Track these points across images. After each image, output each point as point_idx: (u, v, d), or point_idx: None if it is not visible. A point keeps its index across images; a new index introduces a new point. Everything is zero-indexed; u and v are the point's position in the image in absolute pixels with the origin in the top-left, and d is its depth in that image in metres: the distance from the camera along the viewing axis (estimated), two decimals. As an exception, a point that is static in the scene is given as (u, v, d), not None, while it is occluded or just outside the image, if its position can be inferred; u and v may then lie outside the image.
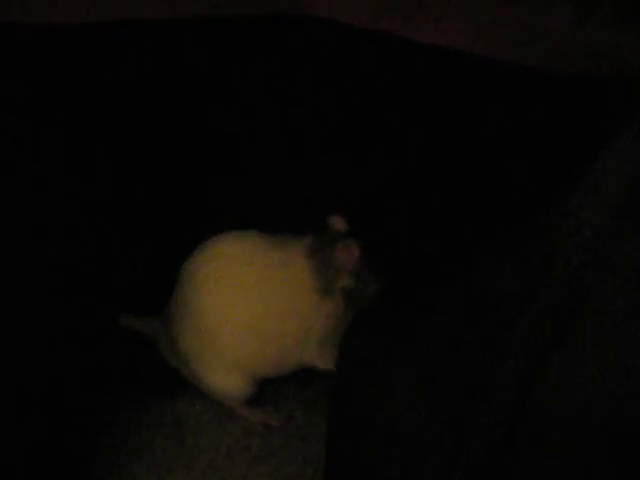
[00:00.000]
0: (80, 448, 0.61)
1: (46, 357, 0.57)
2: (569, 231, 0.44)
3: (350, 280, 0.63)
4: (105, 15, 0.54)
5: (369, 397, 0.53)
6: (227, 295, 0.63)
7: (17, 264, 0.55)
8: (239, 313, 0.63)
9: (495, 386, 0.45)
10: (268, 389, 0.72)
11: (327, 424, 0.60)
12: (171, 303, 0.67)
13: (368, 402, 0.53)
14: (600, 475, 0.42)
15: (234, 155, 0.69)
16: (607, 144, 0.44)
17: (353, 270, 0.63)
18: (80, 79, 0.61)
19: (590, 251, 0.42)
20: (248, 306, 0.63)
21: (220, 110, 0.66)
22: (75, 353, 0.60)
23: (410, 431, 0.48)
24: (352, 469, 0.54)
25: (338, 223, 0.65)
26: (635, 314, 0.41)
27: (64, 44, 0.58)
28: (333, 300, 0.63)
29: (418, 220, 0.67)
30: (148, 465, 0.68)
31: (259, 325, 0.63)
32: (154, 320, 0.70)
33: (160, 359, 0.70)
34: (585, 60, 0.53)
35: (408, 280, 0.65)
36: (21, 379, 0.56)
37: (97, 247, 0.61)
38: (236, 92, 0.65)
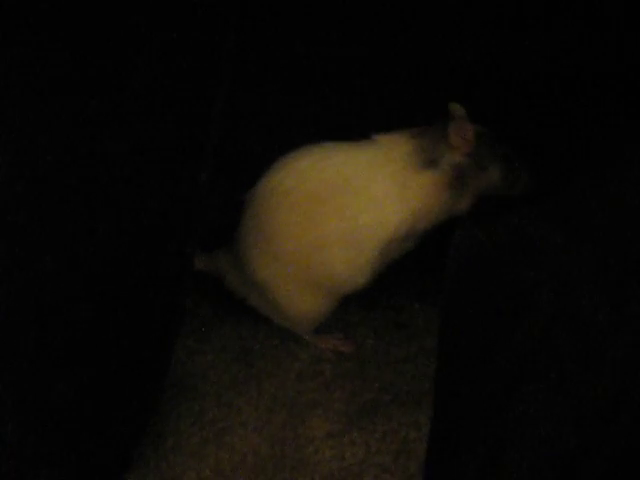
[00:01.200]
0: (157, 358, 0.57)
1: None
2: None
3: (463, 159, 0.59)
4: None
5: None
6: (314, 210, 0.59)
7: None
8: (330, 226, 0.59)
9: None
10: (334, 317, 0.68)
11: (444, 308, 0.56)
12: (243, 231, 0.63)
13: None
14: None
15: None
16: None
17: (467, 150, 0.59)
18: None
19: None
20: (339, 215, 0.59)
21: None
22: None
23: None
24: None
25: (458, 110, 0.60)
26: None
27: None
28: (437, 173, 0.59)
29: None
30: (215, 387, 0.64)
31: (353, 231, 0.59)
32: (217, 254, 0.66)
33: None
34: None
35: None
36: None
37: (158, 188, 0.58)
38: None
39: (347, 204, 0.59)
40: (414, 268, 0.68)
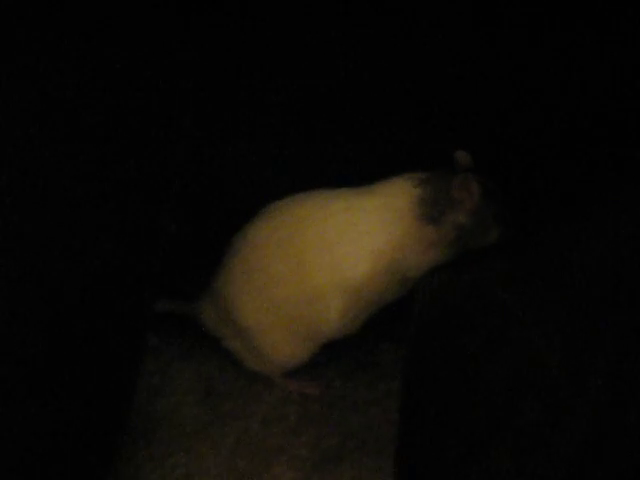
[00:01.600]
0: (117, 400, 0.56)
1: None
2: None
3: (466, 218, 0.57)
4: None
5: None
6: (310, 260, 0.58)
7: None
8: (327, 277, 0.58)
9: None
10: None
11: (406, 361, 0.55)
12: (230, 276, 0.61)
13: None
14: None
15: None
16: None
17: (471, 209, 0.56)
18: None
19: None
20: (336, 265, 0.57)
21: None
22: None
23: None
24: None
25: (463, 158, 0.58)
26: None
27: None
28: (438, 230, 0.57)
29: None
30: (178, 430, 0.63)
31: (350, 281, 0.58)
32: (196, 296, 0.65)
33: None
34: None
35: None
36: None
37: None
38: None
39: (345, 254, 0.58)
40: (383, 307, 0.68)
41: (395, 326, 0.70)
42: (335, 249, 0.57)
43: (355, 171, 0.63)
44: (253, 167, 0.66)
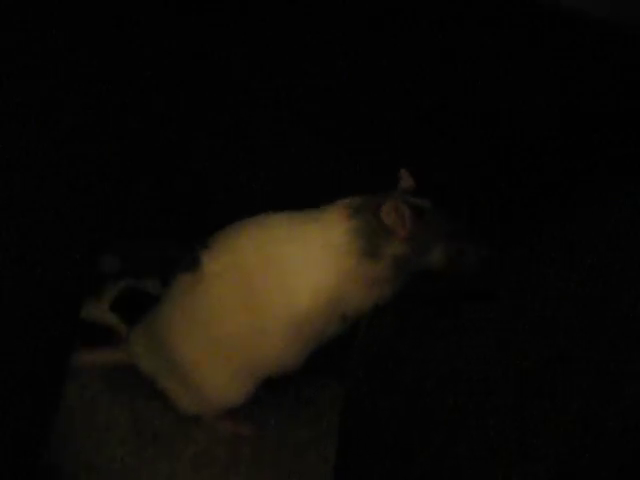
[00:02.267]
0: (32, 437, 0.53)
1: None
2: None
3: (403, 248, 0.54)
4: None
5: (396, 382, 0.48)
6: (251, 295, 0.55)
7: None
8: (270, 310, 0.55)
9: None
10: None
11: (343, 408, 0.54)
12: (169, 314, 0.59)
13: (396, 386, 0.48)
14: None
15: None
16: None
17: (408, 235, 0.54)
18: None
19: None
20: (278, 299, 0.55)
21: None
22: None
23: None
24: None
25: (406, 179, 0.56)
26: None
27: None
28: (377, 266, 0.54)
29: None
30: (103, 469, 0.59)
31: (292, 315, 0.55)
32: (128, 335, 0.63)
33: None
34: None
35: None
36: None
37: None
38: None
39: (287, 289, 0.55)
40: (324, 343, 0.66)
41: (335, 362, 0.68)
42: (278, 282, 0.55)
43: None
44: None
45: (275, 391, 0.66)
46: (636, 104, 0.58)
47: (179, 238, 0.64)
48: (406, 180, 0.57)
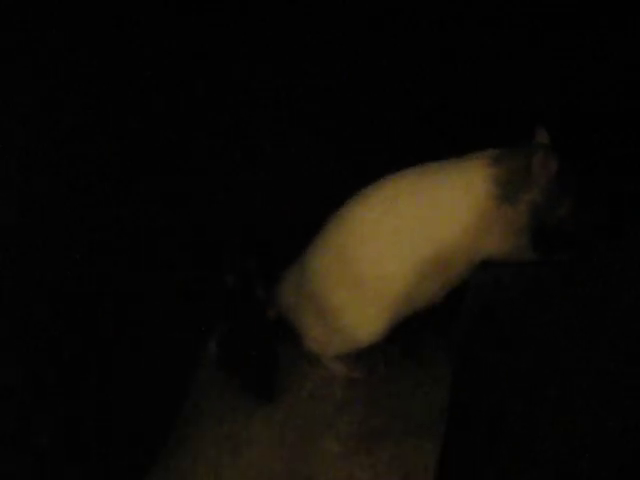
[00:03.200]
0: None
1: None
2: None
3: (539, 196, 0.60)
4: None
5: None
6: (400, 240, 0.62)
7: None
8: (418, 253, 0.62)
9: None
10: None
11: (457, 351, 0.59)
12: (319, 257, 0.65)
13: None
14: None
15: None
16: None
17: (545, 185, 0.60)
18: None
19: None
20: (425, 242, 0.61)
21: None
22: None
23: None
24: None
25: (541, 135, 0.62)
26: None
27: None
28: (514, 211, 0.60)
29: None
30: (232, 404, 0.66)
31: (439, 256, 0.61)
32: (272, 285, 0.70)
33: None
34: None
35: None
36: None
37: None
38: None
39: (431, 229, 0.61)
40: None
41: (436, 317, 0.74)
42: (425, 224, 0.61)
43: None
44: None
45: (385, 343, 0.72)
46: None
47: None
48: (542, 136, 0.63)
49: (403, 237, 0.62)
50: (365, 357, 0.71)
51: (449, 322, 0.67)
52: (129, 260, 0.62)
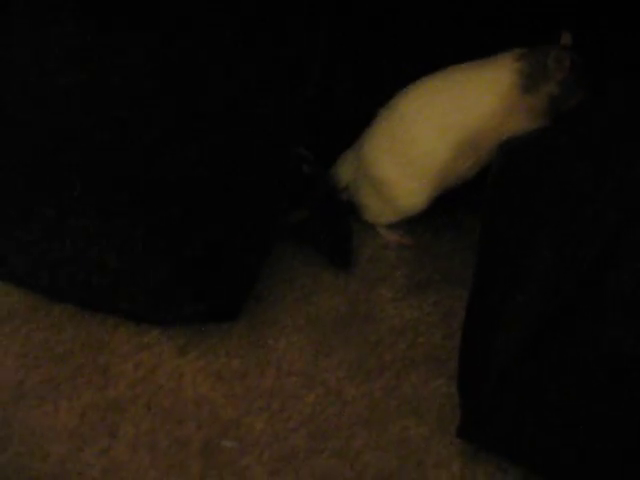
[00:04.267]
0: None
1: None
2: None
3: (557, 88, 0.75)
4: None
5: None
6: (440, 123, 0.78)
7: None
8: (452, 135, 0.77)
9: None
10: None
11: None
12: (376, 139, 0.82)
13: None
14: None
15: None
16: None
17: (561, 79, 0.74)
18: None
19: None
20: (459, 126, 0.77)
21: None
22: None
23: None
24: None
25: (565, 38, 0.76)
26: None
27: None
28: (535, 100, 0.75)
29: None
30: (302, 262, 0.82)
31: (472, 137, 0.77)
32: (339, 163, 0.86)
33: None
34: None
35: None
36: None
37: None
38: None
39: (464, 112, 0.77)
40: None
41: (472, 197, 0.88)
42: (459, 109, 0.77)
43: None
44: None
45: (430, 216, 0.86)
46: None
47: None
48: (565, 38, 0.77)
49: (443, 121, 0.78)
50: (414, 227, 0.86)
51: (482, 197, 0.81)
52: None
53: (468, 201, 0.87)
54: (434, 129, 0.78)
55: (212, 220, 0.74)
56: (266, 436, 0.68)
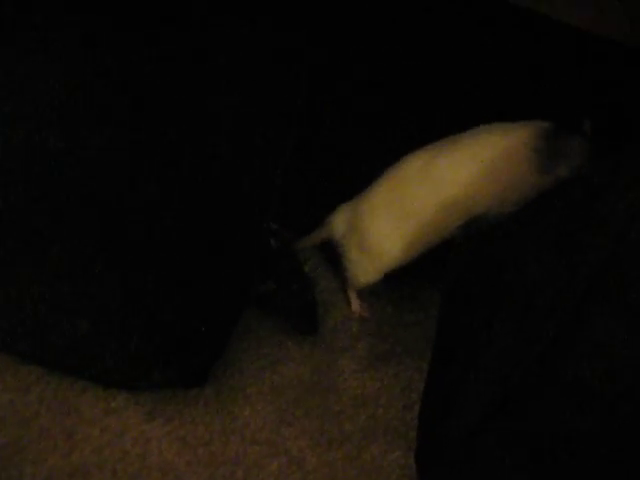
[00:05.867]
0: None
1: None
2: None
3: (567, 172, 0.75)
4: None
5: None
6: (438, 183, 0.79)
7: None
8: (442, 193, 0.78)
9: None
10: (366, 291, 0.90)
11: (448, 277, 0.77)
12: (375, 198, 0.83)
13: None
14: None
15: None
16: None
17: (576, 166, 0.74)
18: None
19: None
20: (452, 185, 0.78)
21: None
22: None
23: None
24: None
25: (587, 125, 0.77)
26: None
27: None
28: (543, 179, 0.75)
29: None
30: (270, 331, 0.85)
31: (463, 196, 0.77)
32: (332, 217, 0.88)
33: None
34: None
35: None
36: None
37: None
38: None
39: (463, 176, 0.78)
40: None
41: (435, 270, 0.92)
42: (458, 174, 0.78)
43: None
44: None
45: (391, 289, 0.90)
46: None
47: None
48: (587, 125, 0.78)
49: (441, 182, 0.79)
50: (375, 300, 0.90)
51: (443, 272, 0.85)
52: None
53: (429, 274, 0.92)
54: (431, 188, 0.79)
55: (184, 290, 0.76)
56: (229, 504, 0.70)
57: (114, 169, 0.78)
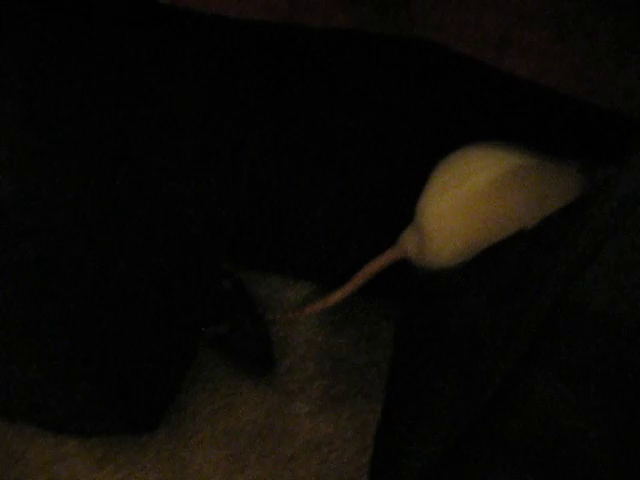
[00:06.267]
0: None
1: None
2: None
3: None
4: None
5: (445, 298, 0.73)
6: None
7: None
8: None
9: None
10: (322, 329, 0.90)
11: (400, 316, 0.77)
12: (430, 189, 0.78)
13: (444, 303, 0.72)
14: None
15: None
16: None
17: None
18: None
19: None
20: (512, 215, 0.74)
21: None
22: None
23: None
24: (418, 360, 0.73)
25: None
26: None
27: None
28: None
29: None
30: (224, 373, 0.85)
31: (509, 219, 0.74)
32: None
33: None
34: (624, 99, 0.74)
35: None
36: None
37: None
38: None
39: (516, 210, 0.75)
40: (384, 294, 0.90)
41: (391, 309, 0.93)
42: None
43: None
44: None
45: (348, 327, 0.90)
46: None
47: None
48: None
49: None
50: (332, 340, 0.90)
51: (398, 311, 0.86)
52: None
53: (388, 314, 0.92)
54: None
55: (134, 334, 0.76)
56: None
57: (58, 219, 0.77)
